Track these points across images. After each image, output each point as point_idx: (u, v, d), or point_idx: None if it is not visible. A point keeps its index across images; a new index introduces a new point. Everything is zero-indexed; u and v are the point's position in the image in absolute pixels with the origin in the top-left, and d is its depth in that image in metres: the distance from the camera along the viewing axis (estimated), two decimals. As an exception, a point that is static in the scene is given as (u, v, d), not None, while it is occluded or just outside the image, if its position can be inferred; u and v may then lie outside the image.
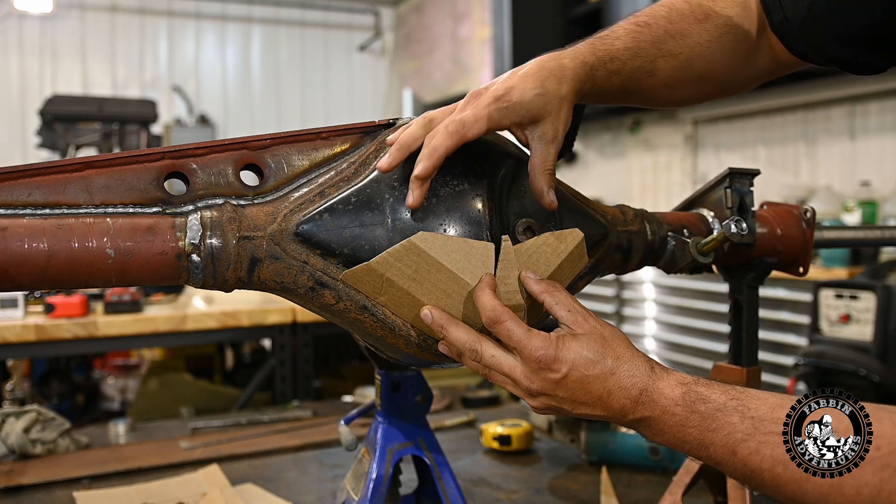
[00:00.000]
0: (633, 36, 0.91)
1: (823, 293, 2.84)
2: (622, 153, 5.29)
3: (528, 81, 0.81)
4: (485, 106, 0.80)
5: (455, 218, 0.81)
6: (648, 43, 0.91)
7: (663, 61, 0.92)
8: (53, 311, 2.24)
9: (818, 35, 0.92)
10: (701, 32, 0.94)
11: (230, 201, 0.81)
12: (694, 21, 0.94)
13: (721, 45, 0.95)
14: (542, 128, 0.83)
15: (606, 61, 0.88)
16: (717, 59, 0.96)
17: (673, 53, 0.93)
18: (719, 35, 0.95)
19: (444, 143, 0.79)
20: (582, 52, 0.87)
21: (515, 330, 0.77)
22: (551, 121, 0.83)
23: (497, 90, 0.81)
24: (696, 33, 0.94)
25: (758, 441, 0.67)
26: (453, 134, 0.79)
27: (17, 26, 6.63)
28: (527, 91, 0.81)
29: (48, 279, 0.72)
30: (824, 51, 0.93)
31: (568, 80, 0.83)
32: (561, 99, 0.83)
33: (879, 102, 3.55)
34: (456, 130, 0.79)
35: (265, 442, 1.69)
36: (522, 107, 0.81)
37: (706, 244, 1.01)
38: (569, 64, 0.84)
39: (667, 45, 0.92)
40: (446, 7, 6.85)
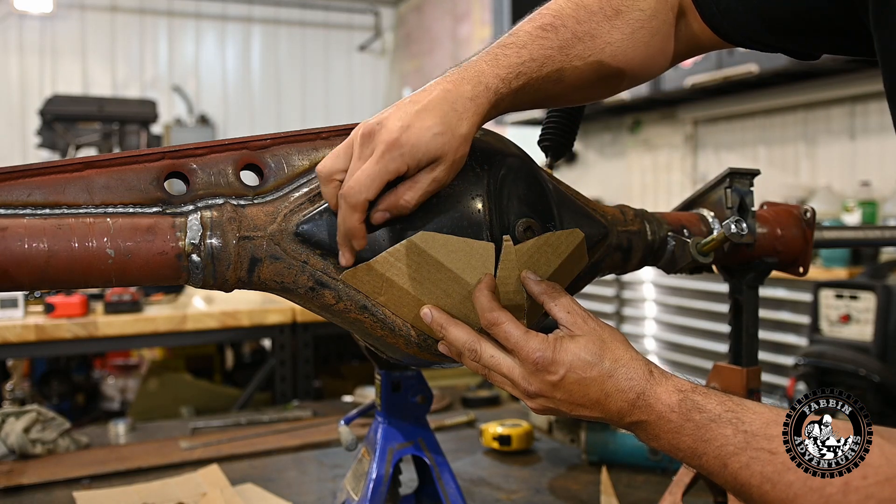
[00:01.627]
0: (539, 43, 0.83)
1: (823, 293, 2.84)
2: (622, 153, 5.29)
3: (426, 118, 0.74)
4: (377, 160, 0.74)
5: (455, 218, 0.81)
6: (556, 49, 0.84)
7: (571, 67, 0.86)
8: (53, 311, 2.24)
9: (749, 24, 0.90)
10: (611, 31, 0.88)
11: (230, 201, 0.81)
12: (604, 18, 0.88)
13: (634, 42, 0.89)
14: (436, 171, 0.76)
15: (510, 80, 0.80)
16: (630, 56, 0.90)
17: (581, 57, 0.86)
18: (632, 32, 0.89)
19: (352, 220, 0.76)
20: (485, 73, 0.79)
21: (513, 332, 0.77)
22: (446, 163, 0.76)
23: (391, 134, 0.73)
24: (605, 32, 0.87)
25: (748, 456, 0.67)
26: (355, 207, 0.74)
27: (17, 26, 6.63)
28: (424, 131, 0.73)
29: (48, 279, 0.72)
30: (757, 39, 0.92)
31: (469, 114, 0.76)
32: (461, 138, 0.76)
33: (879, 102, 3.55)
34: (355, 203, 0.74)
35: (265, 442, 1.69)
36: (419, 150, 0.74)
37: (706, 244, 1.02)
38: (470, 91, 0.77)
39: (575, 50, 0.85)
40: (446, 7, 6.85)
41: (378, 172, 0.74)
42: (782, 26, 0.88)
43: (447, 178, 0.77)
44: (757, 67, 3.50)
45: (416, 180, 0.76)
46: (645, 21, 0.90)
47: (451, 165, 0.77)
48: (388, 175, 0.74)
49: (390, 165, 0.74)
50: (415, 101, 0.76)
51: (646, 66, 0.93)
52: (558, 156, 1.07)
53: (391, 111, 0.76)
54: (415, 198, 0.77)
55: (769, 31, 0.89)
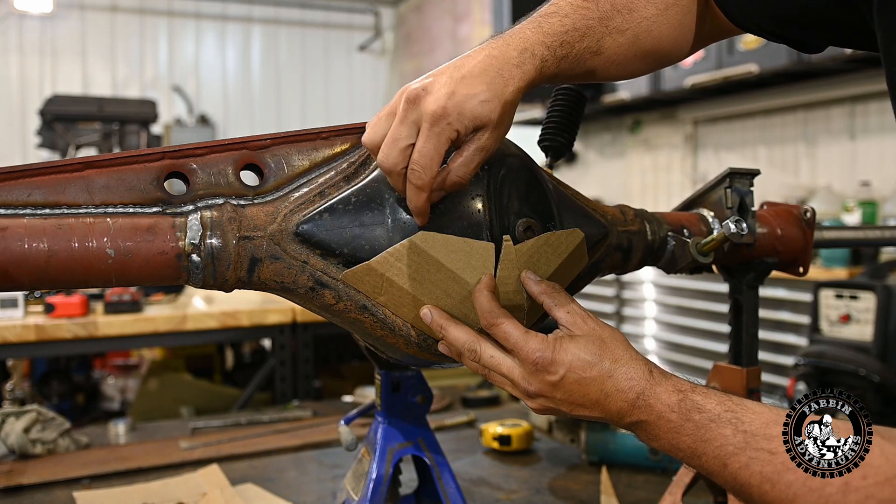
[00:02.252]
0: (580, 13, 0.84)
1: (823, 293, 2.84)
2: (622, 153, 5.29)
3: (472, 85, 0.74)
4: (428, 135, 0.74)
5: (455, 218, 0.81)
6: (596, 20, 0.85)
7: (610, 39, 0.87)
8: (53, 311, 2.24)
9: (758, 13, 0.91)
10: (647, 6, 0.89)
11: (230, 201, 0.81)
12: None
13: (668, 19, 0.91)
14: (482, 137, 0.76)
15: (556, 48, 0.81)
16: (664, 33, 0.92)
17: (620, 30, 0.87)
18: (665, 7, 0.91)
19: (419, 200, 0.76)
20: (530, 39, 0.79)
21: (512, 332, 0.77)
22: (494, 129, 0.76)
23: (437, 102, 0.73)
24: (642, 7, 0.89)
25: (748, 456, 0.67)
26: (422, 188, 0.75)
27: (17, 26, 6.63)
28: (470, 98, 0.73)
29: (48, 279, 0.72)
30: (764, 28, 0.93)
31: (515, 79, 0.76)
32: (507, 103, 0.76)
33: (879, 102, 3.55)
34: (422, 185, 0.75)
35: (265, 442, 1.69)
36: (465, 117, 0.74)
37: (706, 244, 1.02)
38: (516, 58, 0.77)
39: (614, 22, 0.87)
40: (446, 7, 6.85)
41: (435, 149, 0.74)
42: (788, 18, 0.89)
43: (494, 145, 0.77)
44: (757, 67, 3.50)
45: (463, 153, 0.76)
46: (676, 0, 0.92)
47: (498, 132, 0.77)
48: (443, 148, 0.74)
49: (442, 137, 0.74)
50: (459, 67, 0.75)
51: (677, 44, 0.95)
52: (558, 156, 1.07)
53: (434, 76, 0.76)
54: (468, 172, 0.77)
55: (775, 21, 0.90)
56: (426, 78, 0.76)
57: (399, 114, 0.75)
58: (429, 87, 0.74)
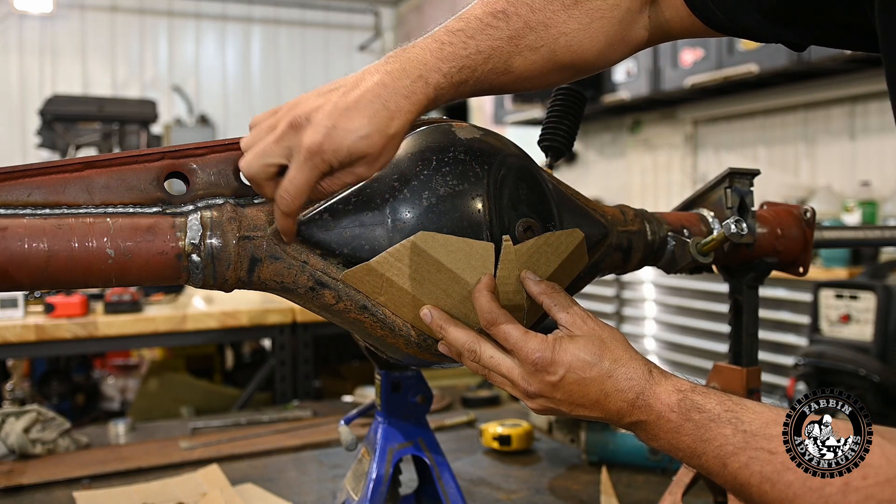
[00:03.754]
0: (488, 33, 0.79)
1: (823, 293, 2.84)
2: (622, 153, 5.29)
3: (353, 119, 0.72)
4: (301, 167, 0.72)
5: (455, 218, 0.81)
6: (504, 40, 0.80)
7: (521, 58, 0.82)
8: (53, 311, 2.24)
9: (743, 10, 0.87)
10: (567, 20, 0.83)
11: (230, 201, 0.81)
12: (561, 7, 0.83)
13: (591, 33, 0.85)
14: (358, 168, 0.74)
15: (453, 74, 0.77)
16: (585, 47, 0.86)
17: (532, 48, 0.82)
18: (589, 22, 0.85)
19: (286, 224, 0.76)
20: (428, 64, 0.76)
21: (512, 332, 0.77)
22: (370, 162, 0.74)
23: (315, 136, 0.71)
24: (561, 22, 0.83)
25: (748, 456, 0.67)
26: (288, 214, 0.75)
27: (17, 26, 6.63)
28: (349, 134, 0.71)
29: (48, 279, 0.72)
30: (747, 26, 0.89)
31: (403, 112, 0.74)
32: (389, 137, 0.73)
33: (879, 102, 3.55)
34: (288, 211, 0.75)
35: (265, 442, 1.69)
36: (341, 153, 0.72)
37: (706, 244, 1.01)
38: (408, 87, 0.74)
39: (526, 40, 0.81)
40: (446, 7, 6.85)
41: (305, 181, 0.73)
42: (780, 13, 0.86)
43: (369, 174, 0.76)
44: (757, 67, 3.50)
45: (337, 175, 0.75)
46: (605, 11, 0.86)
47: (376, 164, 0.75)
48: (314, 181, 0.74)
49: (314, 172, 0.73)
50: (346, 93, 0.73)
51: (603, 56, 0.89)
52: (558, 156, 1.06)
53: (322, 102, 0.74)
54: (332, 187, 0.76)
55: (765, 17, 0.87)
56: (315, 99, 0.75)
57: (276, 133, 0.74)
58: (312, 118, 0.72)
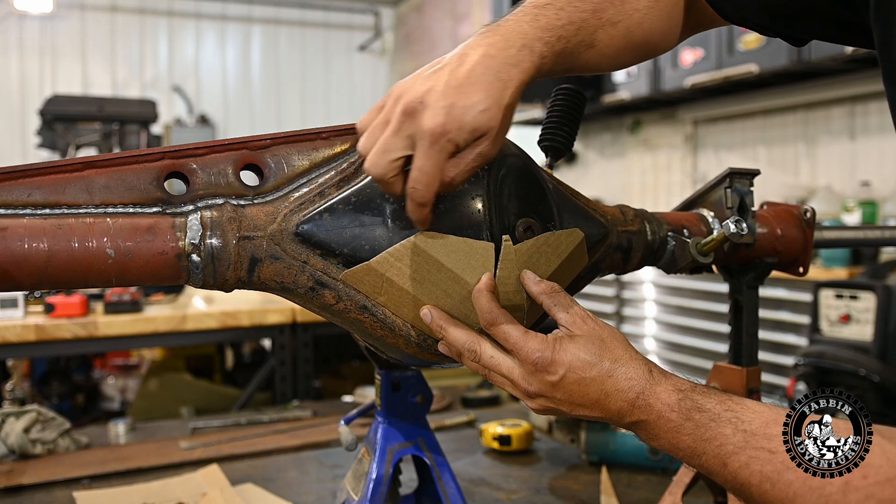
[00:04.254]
0: (575, 5, 0.83)
1: (823, 293, 2.84)
2: (622, 153, 5.29)
3: (470, 94, 0.71)
4: (427, 153, 0.72)
5: (455, 218, 0.81)
6: (590, 13, 0.84)
7: (603, 31, 0.86)
8: (53, 311, 2.24)
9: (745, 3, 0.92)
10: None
11: (230, 201, 0.81)
12: None
13: (658, 9, 0.92)
14: (482, 144, 0.74)
15: (553, 43, 0.79)
16: (655, 25, 0.92)
17: (612, 22, 0.87)
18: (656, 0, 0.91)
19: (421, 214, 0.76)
20: (528, 35, 0.77)
21: (512, 332, 0.77)
22: (493, 137, 0.74)
23: (435, 119, 0.71)
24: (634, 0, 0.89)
25: (748, 455, 0.67)
26: (423, 204, 0.75)
27: (17, 26, 6.62)
28: (469, 110, 0.71)
29: (48, 279, 0.72)
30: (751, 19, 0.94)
31: (514, 81, 0.74)
32: (506, 108, 0.73)
33: (879, 102, 3.55)
34: (423, 201, 0.74)
35: (265, 442, 1.69)
36: (465, 130, 0.71)
37: (706, 244, 1.01)
38: (514, 56, 0.75)
39: (607, 14, 0.86)
40: (446, 7, 6.85)
41: (436, 166, 0.72)
42: (779, 9, 0.89)
43: (493, 151, 0.75)
44: (757, 67, 3.50)
45: (462, 157, 0.74)
46: None
47: (497, 138, 0.75)
48: (444, 164, 0.73)
49: (441, 155, 0.72)
50: (454, 71, 0.73)
51: (666, 35, 0.95)
52: (558, 156, 1.06)
53: (431, 83, 0.73)
54: (462, 175, 0.75)
55: (765, 12, 0.90)
56: (423, 81, 0.74)
57: (393, 125, 0.73)
58: (426, 100, 0.72)
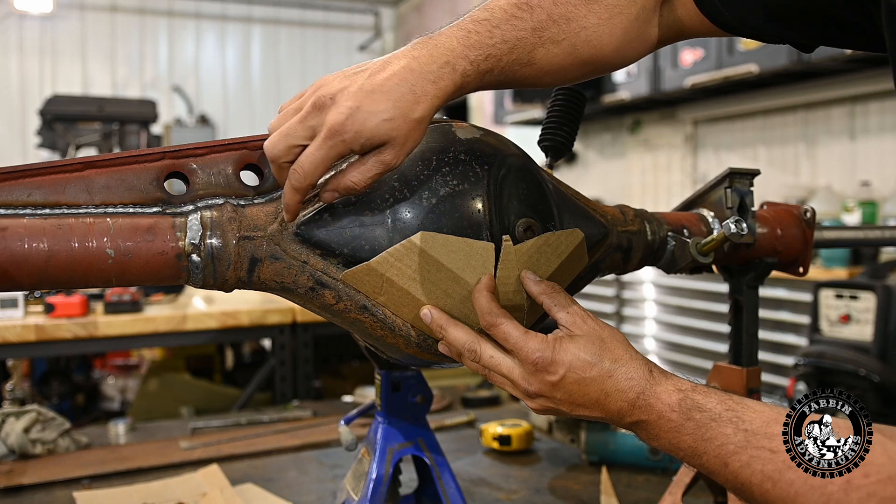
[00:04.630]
0: (512, 24, 0.80)
1: (823, 293, 2.84)
2: (622, 153, 5.29)
3: (378, 102, 0.71)
4: (319, 145, 0.72)
5: (455, 218, 0.81)
6: (529, 31, 0.81)
7: (543, 50, 0.83)
8: (53, 311, 2.23)
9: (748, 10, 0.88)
10: (588, 15, 0.85)
11: (230, 201, 0.81)
12: (582, 1, 0.85)
13: (610, 28, 0.87)
14: (383, 153, 0.74)
15: (479, 62, 0.78)
16: (605, 42, 0.87)
17: (555, 40, 0.83)
18: (609, 17, 0.86)
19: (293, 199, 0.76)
20: (454, 51, 0.76)
21: (512, 332, 0.77)
22: (395, 147, 0.74)
23: (337, 116, 0.71)
24: (582, 16, 0.85)
25: (749, 455, 0.67)
26: (298, 190, 0.75)
27: (17, 26, 6.63)
28: (372, 116, 0.71)
29: (48, 279, 0.72)
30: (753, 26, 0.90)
31: (429, 97, 0.74)
32: (413, 122, 0.73)
33: (879, 102, 3.55)
34: (298, 187, 0.75)
35: (265, 442, 1.69)
36: (362, 136, 0.72)
37: (706, 244, 1.01)
38: (435, 72, 0.74)
39: (548, 32, 0.83)
40: (446, 7, 6.85)
41: (321, 159, 0.73)
42: (785, 14, 0.87)
43: (396, 161, 0.75)
44: (757, 67, 3.50)
45: (364, 162, 0.75)
46: (623, 7, 0.87)
47: (401, 149, 0.75)
48: (330, 160, 0.73)
49: (332, 152, 0.73)
50: (373, 76, 0.73)
51: (621, 52, 0.90)
52: (558, 156, 1.07)
53: (347, 83, 0.74)
54: (362, 180, 0.76)
55: (771, 17, 0.87)
56: (341, 80, 0.75)
57: (301, 113, 0.74)
58: (336, 98, 0.73)
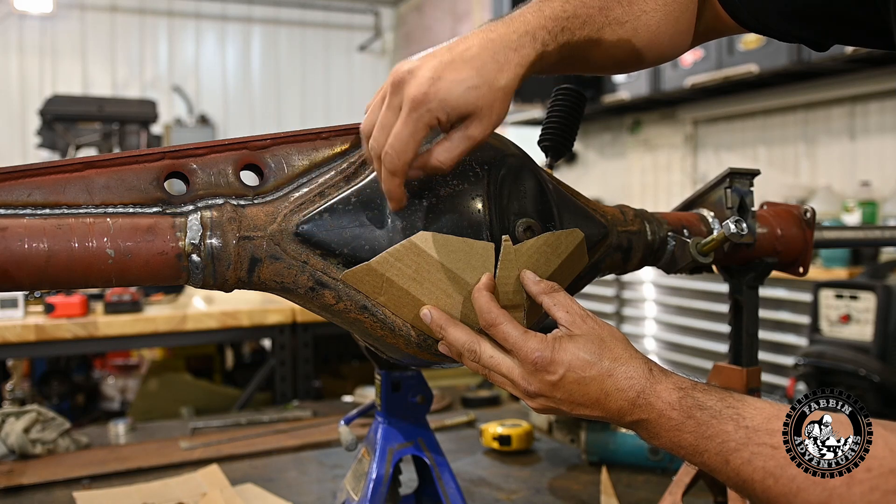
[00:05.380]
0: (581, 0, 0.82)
1: (823, 293, 2.84)
2: (622, 153, 5.29)
3: (461, 70, 0.70)
4: (405, 120, 0.70)
5: (455, 218, 0.81)
6: (596, 9, 0.83)
7: (609, 30, 0.85)
8: (53, 311, 2.24)
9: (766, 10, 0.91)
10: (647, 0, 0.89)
11: (230, 201, 0.81)
12: None
13: (666, 15, 0.91)
14: (470, 126, 0.72)
15: (557, 33, 0.77)
16: (662, 29, 0.91)
17: (619, 21, 0.86)
18: (664, 4, 0.91)
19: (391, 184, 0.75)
20: (531, 22, 0.76)
21: (511, 332, 0.77)
22: (482, 119, 0.72)
23: (419, 87, 0.70)
24: (642, 0, 0.89)
25: (750, 452, 0.67)
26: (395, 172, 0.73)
27: (17, 26, 6.63)
28: (456, 84, 0.69)
29: (48, 279, 0.72)
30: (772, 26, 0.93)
31: (512, 64, 0.72)
32: (499, 91, 0.71)
33: (879, 102, 3.55)
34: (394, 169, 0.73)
35: (265, 442, 1.69)
36: (448, 104, 0.70)
37: (706, 244, 1.01)
38: (515, 41, 0.73)
39: (614, 12, 0.86)
40: (446, 7, 6.85)
41: (410, 134, 0.71)
42: (802, 13, 0.88)
43: (483, 135, 0.74)
44: (757, 67, 3.50)
45: (450, 138, 0.74)
46: None
47: (488, 121, 0.73)
48: (420, 134, 0.71)
49: (419, 123, 0.71)
50: (451, 48, 0.72)
51: (673, 42, 0.94)
52: (558, 156, 1.07)
53: (426, 57, 0.72)
54: (449, 158, 0.74)
55: (788, 17, 0.89)
56: (420, 58, 0.73)
57: (386, 99, 0.74)
58: (414, 70, 0.71)
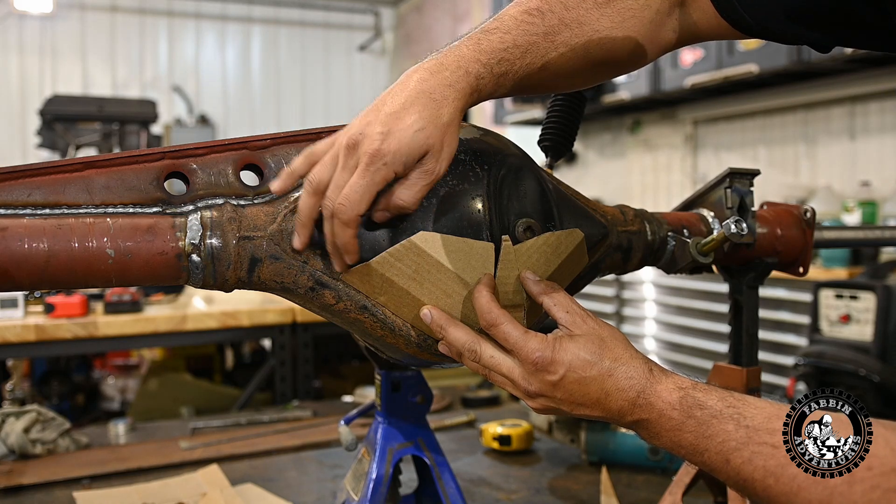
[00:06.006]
0: (523, 29, 0.81)
1: (823, 293, 2.84)
2: (622, 153, 5.29)
3: (405, 117, 0.73)
4: (362, 173, 0.73)
5: (455, 218, 0.81)
6: (541, 35, 0.82)
7: (556, 53, 0.84)
8: (53, 311, 2.24)
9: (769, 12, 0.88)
10: (600, 19, 0.85)
11: (230, 201, 0.81)
12: (594, 6, 0.85)
13: (623, 31, 0.87)
14: (426, 164, 0.75)
15: (493, 65, 0.79)
16: (618, 45, 0.88)
17: (567, 44, 0.84)
18: (622, 21, 0.87)
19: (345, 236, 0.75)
20: (465, 57, 0.78)
21: (512, 332, 0.77)
22: (435, 154, 0.75)
23: (372, 144, 0.72)
24: (594, 20, 0.85)
25: (751, 451, 0.67)
26: (348, 223, 0.74)
27: (17, 26, 6.63)
28: (404, 132, 0.72)
29: (48, 279, 0.72)
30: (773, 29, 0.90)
31: (450, 100, 0.75)
32: (444, 126, 0.75)
33: (879, 102, 3.55)
34: (348, 220, 0.74)
35: (265, 442, 1.69)
36: (402, 154, 0.73)
37: (706, 244, 1.01)
38: (449, 77, 0.76)
39: (561, 37, 0.83)
40: (446, 7, 6.85)
41: (366, 186, 0.73)
42: (806, 15, 0.86)
43: (440, 168, 0.76)
44: (757, 67, 3.50)
45: (409, 178, 0.76)
46: (637, 10, 0.88)
47: (441, 155, 0.75)
48: (376, 186, 0.74)
49: (376, 177, 0.73)
50: (392, 100, 0.75)
51: (634, 55, 0.91)
52: (558, 156, 1.07)
53: (372, 117, 0.75)
54: (411, 195, 0.76)
55: (792, 19, 0.87)
56: (364, 117, 0.76)
57: (340, 161, 0.75)
58: (365, 132, 0.74)
